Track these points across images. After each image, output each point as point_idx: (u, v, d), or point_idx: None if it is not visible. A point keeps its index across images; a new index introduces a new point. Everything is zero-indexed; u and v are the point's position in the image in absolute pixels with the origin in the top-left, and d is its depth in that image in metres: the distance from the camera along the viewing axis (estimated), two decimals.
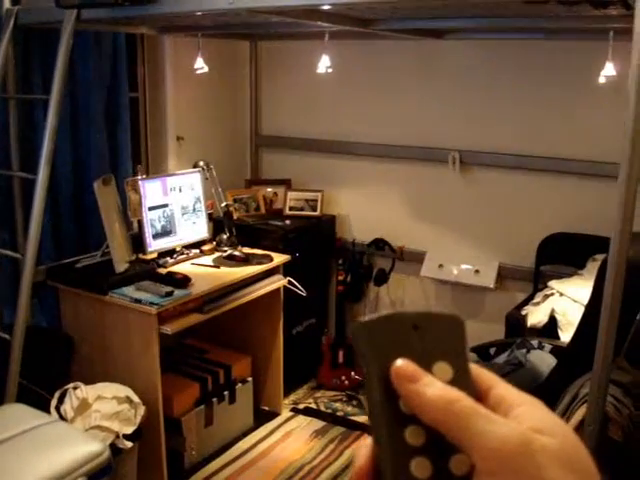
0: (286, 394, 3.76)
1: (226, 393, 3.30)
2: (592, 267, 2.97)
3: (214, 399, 3.23)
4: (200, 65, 3.30)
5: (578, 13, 2.35)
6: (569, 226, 3.33)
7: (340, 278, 3.98)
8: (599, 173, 3.17)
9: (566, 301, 2.96)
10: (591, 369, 1.93)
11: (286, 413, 3.67)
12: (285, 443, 3.39)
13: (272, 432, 3.49)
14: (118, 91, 3.35)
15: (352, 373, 3.94)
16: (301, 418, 3.63)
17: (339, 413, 3.69)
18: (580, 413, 2.04)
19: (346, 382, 3.93)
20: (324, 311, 4.15)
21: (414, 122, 3.72)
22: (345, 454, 3.29)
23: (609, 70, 2.79)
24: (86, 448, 2.24)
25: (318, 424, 3.57)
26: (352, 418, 3.64)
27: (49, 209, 2.94)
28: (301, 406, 3.76)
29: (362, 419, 3.61)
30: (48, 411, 2.58)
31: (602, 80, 2.88)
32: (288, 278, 3.42)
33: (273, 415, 3.64)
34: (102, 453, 2.25)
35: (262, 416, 3.60)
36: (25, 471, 2.08)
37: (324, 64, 3.07)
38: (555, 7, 2.15)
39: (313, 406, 3.77)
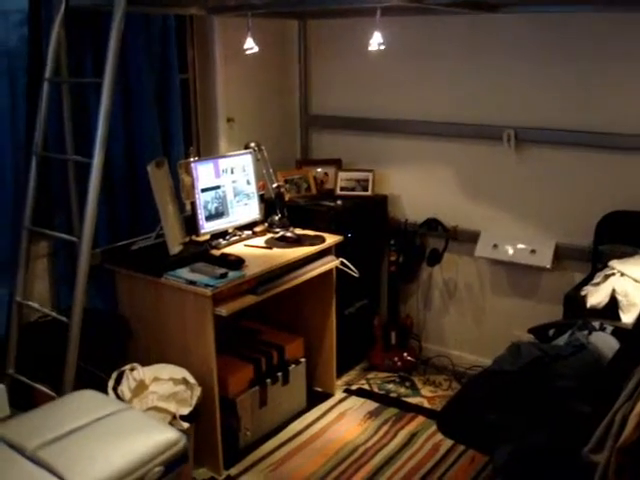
0: (339, 375, 3.75)
1: (280, 374, 3.31)
2: None
3: (268, 380, 3.24)
4: (250, 45, 3.26)
5: None
6: (629, 204, 3.22)
7: (392, 258, 3.93)
8: None
9: (627, 281, 2.87)
10: None
11: (339, 394, 3.66)
12: (339, 424, 3.38)
13: (325, 413, 3.48)
14: (168, 73, 3.35)
15: (405, 354, 3.91)
16: (354, 399, 3.62)
17: (392, 394, 3.67)
18: None
19: (399, 363, 3.90)
20: (376, 292, 4.12)
21: (467, 99, 3.63)
22: (399, 435, 3.26)
23: None
24: (163, 436, 2.20)
25: (371, 405, 3.55)
26: (405, 399, 3.61)
27: (103, 192, 2.96)
28: (354, 387, 3.75)
29: (415, 400, 3.59)
30: (106, 392, 2.62)
31: None
32: (340, 259, 3.39)
33: (326, 396, 3.63)
34: (179, 442, 2.22)
35: (315, 397, 3.60)
36: (101, 460, 2.04)
37: (376, 41, 3.00)
38: None
39: (366, 387, 3.76)
